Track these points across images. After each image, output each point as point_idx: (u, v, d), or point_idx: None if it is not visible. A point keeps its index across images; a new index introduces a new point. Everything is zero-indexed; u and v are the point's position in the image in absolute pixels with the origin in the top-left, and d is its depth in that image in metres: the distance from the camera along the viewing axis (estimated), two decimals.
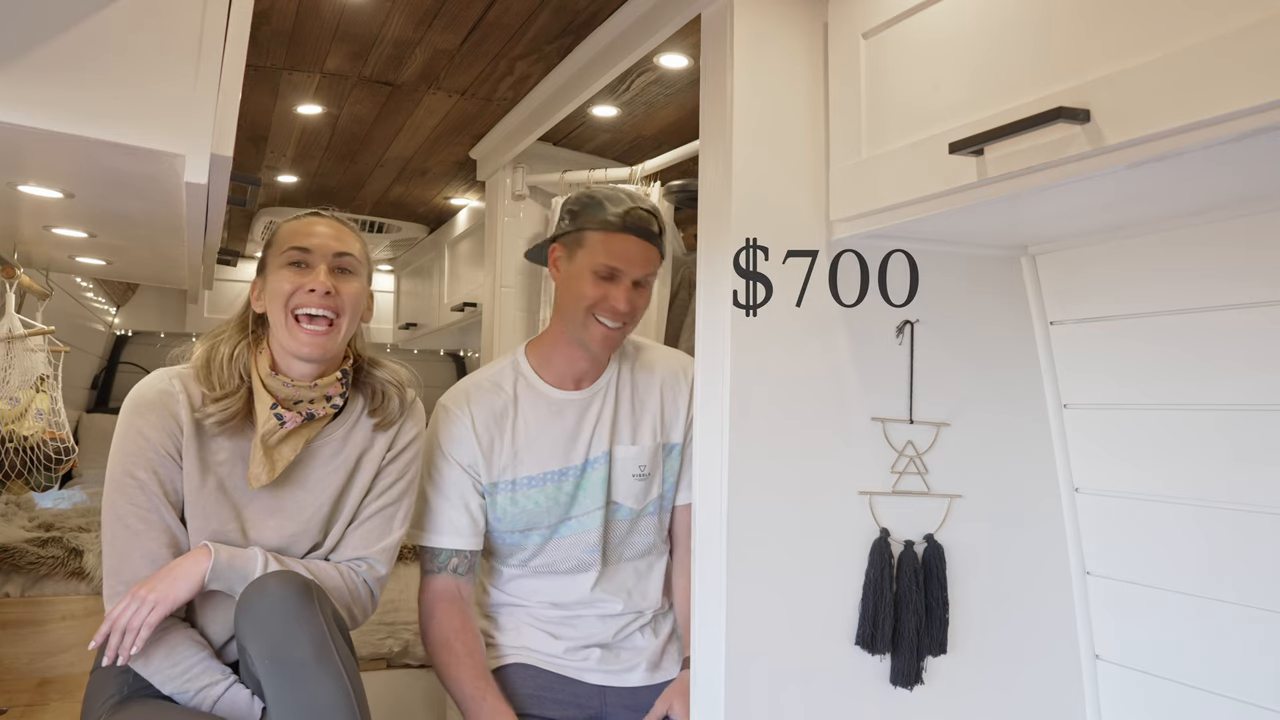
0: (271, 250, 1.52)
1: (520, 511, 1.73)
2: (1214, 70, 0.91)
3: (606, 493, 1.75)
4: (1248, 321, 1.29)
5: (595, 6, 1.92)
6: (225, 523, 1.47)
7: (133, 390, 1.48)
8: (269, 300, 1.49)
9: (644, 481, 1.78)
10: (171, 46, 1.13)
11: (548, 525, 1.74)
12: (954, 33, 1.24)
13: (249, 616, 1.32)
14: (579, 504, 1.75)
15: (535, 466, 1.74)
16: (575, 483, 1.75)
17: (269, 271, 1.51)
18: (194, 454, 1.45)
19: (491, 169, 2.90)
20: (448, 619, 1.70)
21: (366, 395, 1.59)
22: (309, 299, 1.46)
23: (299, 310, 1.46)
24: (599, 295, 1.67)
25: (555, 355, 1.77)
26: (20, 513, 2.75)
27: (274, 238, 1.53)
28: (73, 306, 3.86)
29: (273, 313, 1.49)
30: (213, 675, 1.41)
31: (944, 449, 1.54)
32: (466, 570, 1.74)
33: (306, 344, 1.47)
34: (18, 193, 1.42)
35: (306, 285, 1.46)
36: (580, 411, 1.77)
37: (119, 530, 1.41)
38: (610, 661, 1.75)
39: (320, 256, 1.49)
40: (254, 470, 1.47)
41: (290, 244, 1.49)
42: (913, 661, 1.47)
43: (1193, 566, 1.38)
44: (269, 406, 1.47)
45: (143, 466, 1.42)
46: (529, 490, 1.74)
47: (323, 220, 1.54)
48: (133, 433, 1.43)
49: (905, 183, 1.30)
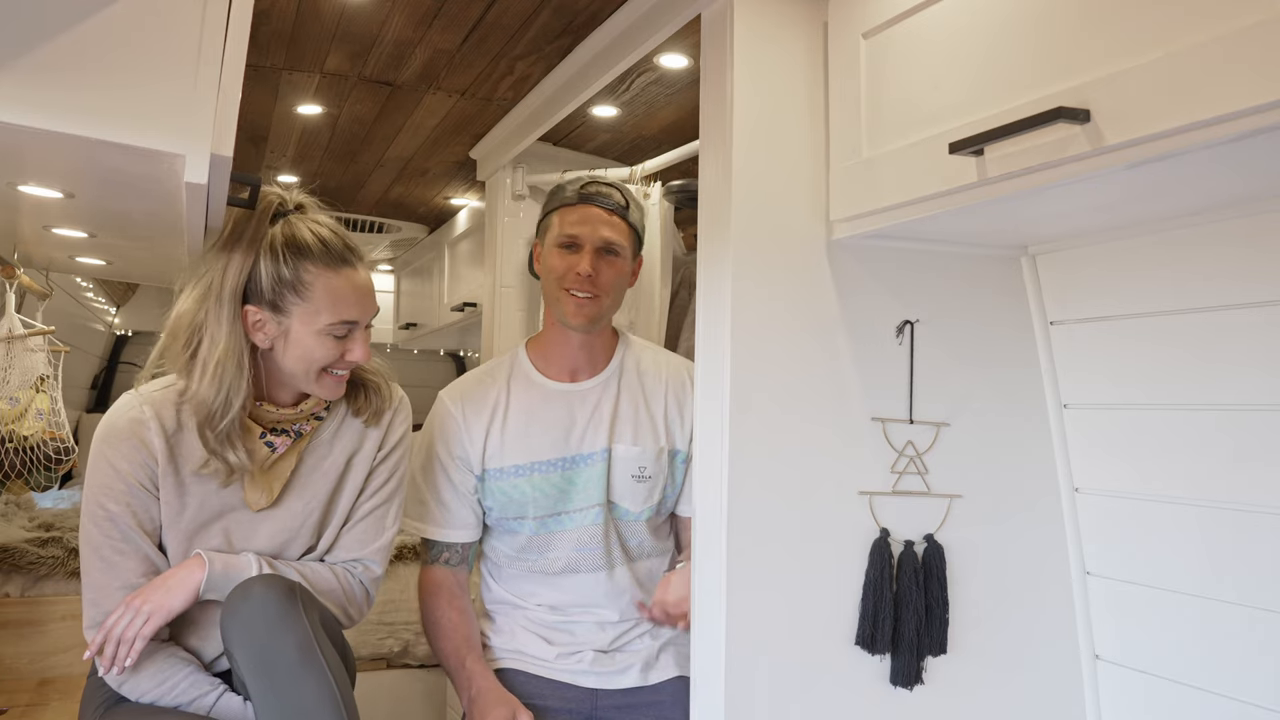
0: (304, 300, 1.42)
1: (509, 500, 1.74)
2: (1214, 70, 0.91)
3: (605, 492, 1.74)
4: (1248, 321, 1.29)
5: (595, 6, 1.92)
6: (213, 539, 1.46)
7: (104, 418, 1.45)
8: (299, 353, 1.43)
9: (645, 484, 1.76)
10: (171, 46, 1.13)
11: (535, 516, 1.74)
12: (954, 33, 1.24)
13: (234, 621, 1.32)
14: (572, 499, 1.74)
15: (524, 456, 1.74)
16: (565, 475, 1.74)
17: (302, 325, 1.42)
18: (171, 480, 1.43)
19: (491, 169, 2.90)
20: (435, 604, 1.77)
21: (348, 394, 1.57)
22: (346, 366, 1.47)
23: (333, 369, 1.46)
24: (565, 266, 1.72)
25: (550, 346, 1.80)
26: (20, 513, 2.75)
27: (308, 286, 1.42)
28: (73, 306, 3.86)
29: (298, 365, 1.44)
30: (202, 687, 1.41)
31: (944, 449, 1.54)
32: (459, 561, 1.80)
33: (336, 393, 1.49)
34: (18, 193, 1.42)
35: (349, 353, 1.46)
36: (575, 404, 1.77)
37: (95, 562, 1.40)
38: (604, 664, 1.74)
39: (363, 323, 1.47)
40: (252, 496, 1.47)
41: (340, 316, 1.43)
42: (913, 661, 1.47)
43: (1193, 566, 1.38)
44: (258, 436, 1.46)
45: (114, 499, 1.40)
46: (516, 479, 1.74)
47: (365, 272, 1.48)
48: (104, 464, 1.41)
49: (905, 183, 1.30)
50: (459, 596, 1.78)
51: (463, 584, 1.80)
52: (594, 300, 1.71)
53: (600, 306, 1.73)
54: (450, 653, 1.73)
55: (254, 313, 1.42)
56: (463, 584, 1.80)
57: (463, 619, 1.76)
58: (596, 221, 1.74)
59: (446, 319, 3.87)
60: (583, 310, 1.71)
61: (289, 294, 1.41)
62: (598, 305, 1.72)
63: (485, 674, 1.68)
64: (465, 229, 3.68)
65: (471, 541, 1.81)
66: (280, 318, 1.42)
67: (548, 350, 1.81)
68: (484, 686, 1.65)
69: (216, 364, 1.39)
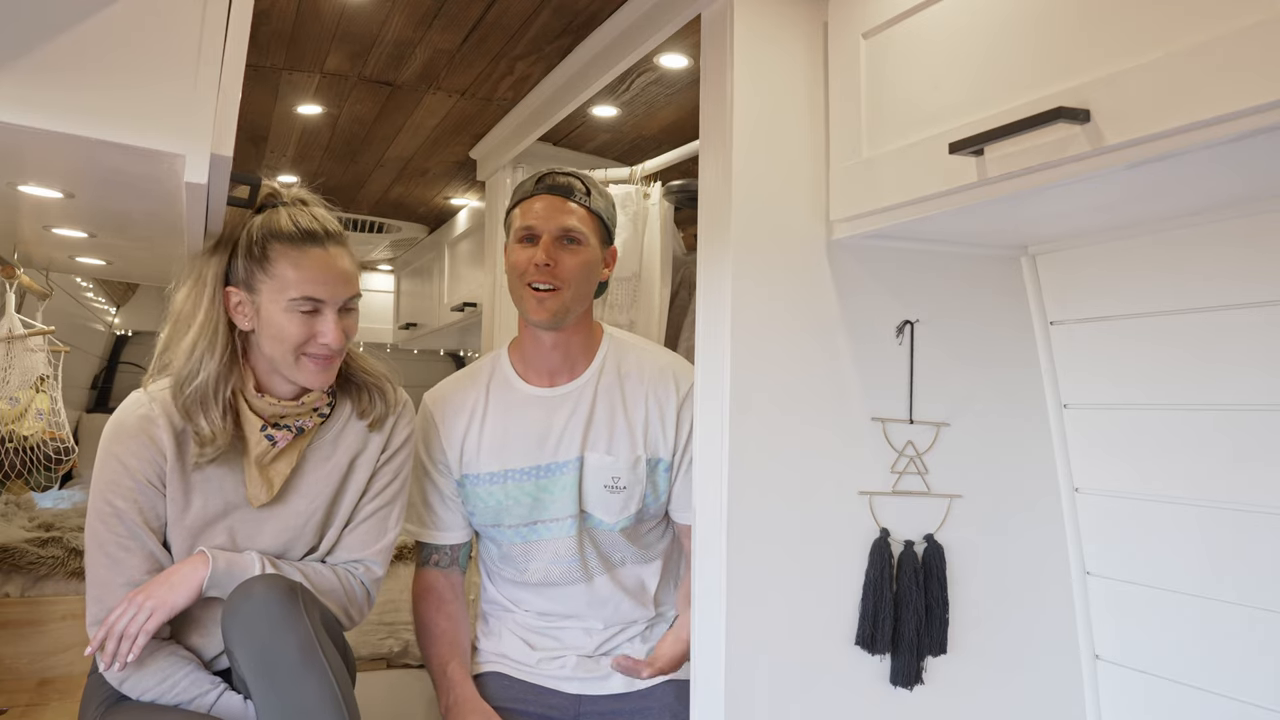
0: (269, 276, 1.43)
1: (486, 507, 1.72)
2: (1214, 70, 0.91)
3: (578, 502, 1.68)
4: (1248, 321, 1.29)
5: (595, 6, 1.92)
6: (216, 537, 1.46)
7: (113, 416, 1.47)
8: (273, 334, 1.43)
9: (619, 495, 1.68)
10: (171, 46, 1.13)
11: (511, 525, 1.70)
12: (954, 33, 1.24)
13: (235, 621, 1.32)
14: (546, 509, 1.69)
15: (497, 463, 1.70)
16: (539, 484, 1.69)
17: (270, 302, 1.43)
18: (178, 476, 1.44)
19: (491, 169, 2.90)
20: (424, 608, 1.76)
21: (352, 396, 1.58)
22: (320, 349, 1.45)
23: (309, 352, 1.44)
24: (525, 260, 1.65)
25: (526, 348, 1.74)
26: (20, 513, 2.75)
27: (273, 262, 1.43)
28: (73, 306, 3.86)
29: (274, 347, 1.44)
30: (202, 686, 1.41)
31: (944, 449, 1.54)
32: (450, 563, 1.78)
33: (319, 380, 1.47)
34: (18, 193, 1.42)
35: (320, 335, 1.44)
36: (550, 410, 1.71)
37: (100, 558, 1.41)
38: (589, 669, 1.71)
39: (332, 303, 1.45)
40: (252, 491, 1.47)
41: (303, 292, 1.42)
42: (913, 661, 1.47)
43: (1193, 566, 1.38)
44: (258, 429, 1.46)
45: (121, 495, 1.41)
46: (490, 486, 1.70)
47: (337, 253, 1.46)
48: (112, 461, 1.42)
49: (905, 183, 1.30)
50: (449, 601, 1.75)
51: (455, 586, 1.78)
52: (554, 294, 1.62)
53: (561, 299, 1.63)
54: (435, 657, 1.71)
55: (234, 294, 1.45)
56: (455, 586, 1.78)
57: (450, 624, 1.73)
58: (554, 210, 1.66)
59: (446, 319, 3.88)
60: (544, 305, 1.62)
61: (258, 271, 1.44)
62: (558, 298, 1.63)
63: (465, 682, 1.67)
64: (465, 229, 3.69)
65: (460, 543, 1.78)
66: (254, 297, 1.44)
67: (525, 353, 1.74)
68: (462, 695, 1.64)
69: (194, 337, 1.44)
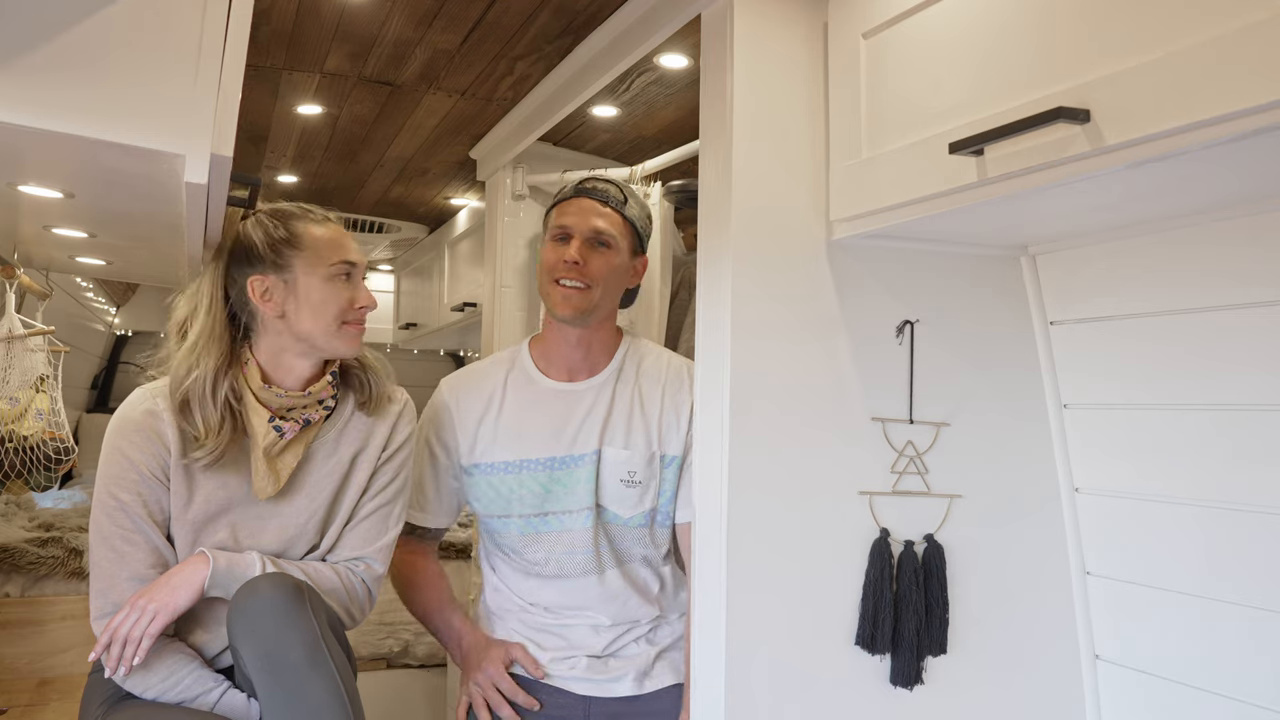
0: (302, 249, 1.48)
1: (496, 496, 1.74)
2: (1214, 70, 0.91)
3: (594, 495, 1.71)
4: (1248, 321, 1.29)
5: (595, 6, 1.92)
6: (219, 532, 1.47)
7: (117, 411, 1.48)
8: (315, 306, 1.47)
9: (634, 490, 1.71)
10: (171, 46, 1.13)
11: (521, 515, 1.72)
12: (954, 33, 1.24)
13: (241, 619, 1.32)
14: (560, 500, 1.71)
15: (513, 453, 1.73)
16: (553, 475, 1.71)
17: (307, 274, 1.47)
18: (182, 473, 1.45)
19: (491, 169, 2.90)
20: (411, 559, 1.82)
21: (355, 390, 1.60)
22: (359, 314, 1.51)
23: (349, 319, 1.50)
24: (556, 257, 1.70)
25: (549, 345, 1.79)
26: (20, 513, 2.75)
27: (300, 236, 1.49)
28: (73, 306, 3.87)
29: (317, 320, 1.48)
30: (206, 684, 1.42)
31: (944, 449, 1.54)
32: (432, 539, 1.88)
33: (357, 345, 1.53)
34: (18, 193, 1.42)
35: (358, 299, 1.50)
36: (570, 404, 1.74)
37: (105, 553, 1.41)
38: (598, 670, 1.71)
39: (359, 268, 1.52)
40: (259, 483, 1.47)
41: (341, 256, 1.49)
42: (913, 661, 1.47)
43: (1193, 566, 1.38)
44: (266, 420, 1.46)
45: (126, 489, 1.42)
46: (504, 475, 1.73)
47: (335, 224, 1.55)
48: (117, 455, 1.43)
49: (905, 183, 1.30)
50: (434, 560, 1.86)
51: (434, 553, 1.88)
52: (582, 292, 1.67)
53: (589, 298, 1.67)
54: (434, 604, 1.80)
55: (260, 281, 1.47)
56: (434, 553, 1.88)
57: (441, 576, 1.84)
58: (588, 212, 1.71)
59: (446, 319, 3.88)
60: (570, 301, 1.66)
61: (286, 249, 1.47)
62: (586, 297, 1.67)
63: (473, 629, 1.77)
64: (465, 229, 3.68)
65: (445, 528, 1.86)
66: (285, 275, 1.47)
67: (547, 349, 1.79)
68: (475, 639, 1.75)
69: (194, 338, 1.47)
